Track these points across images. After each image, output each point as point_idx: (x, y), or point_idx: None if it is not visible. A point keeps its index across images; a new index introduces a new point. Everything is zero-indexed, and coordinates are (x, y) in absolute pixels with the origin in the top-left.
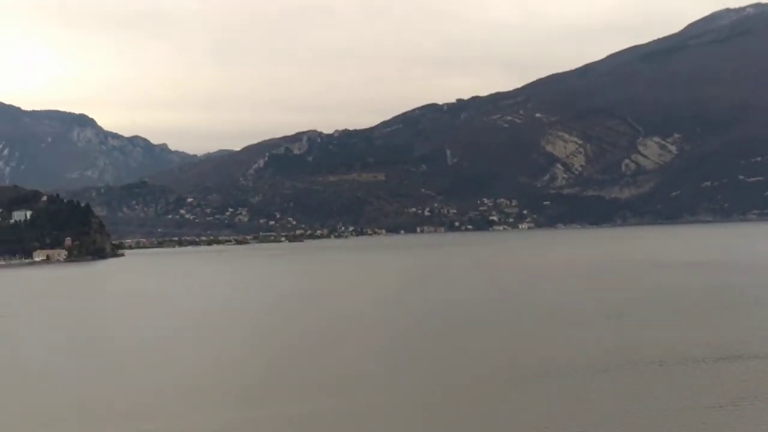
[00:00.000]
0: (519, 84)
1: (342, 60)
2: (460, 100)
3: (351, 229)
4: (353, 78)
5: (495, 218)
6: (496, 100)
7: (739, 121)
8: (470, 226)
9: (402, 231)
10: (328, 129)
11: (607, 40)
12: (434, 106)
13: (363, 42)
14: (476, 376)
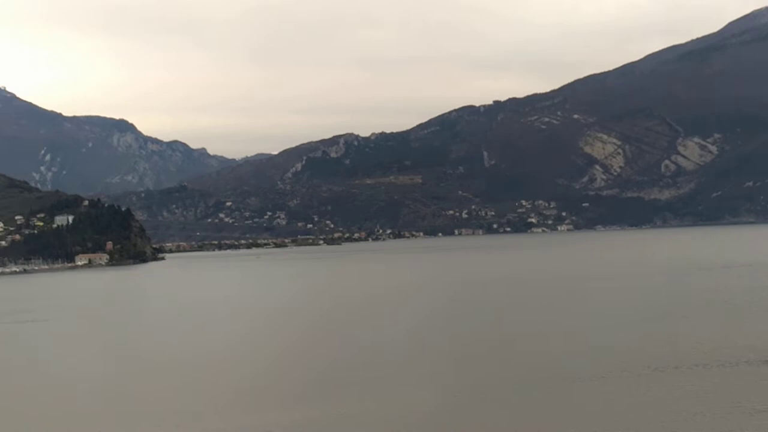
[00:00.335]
0: (556, 85)
1: (379, 63)
2: (497, 102)
3: (388, 231)
4: (390, 81)
5: (533, 220)
6: (534, 101)
7: None
8: (508, 228)
9: (440, 234)
10: (364, 132)
11: (646, 40)
12: (471, 107)
13: (400, 45)
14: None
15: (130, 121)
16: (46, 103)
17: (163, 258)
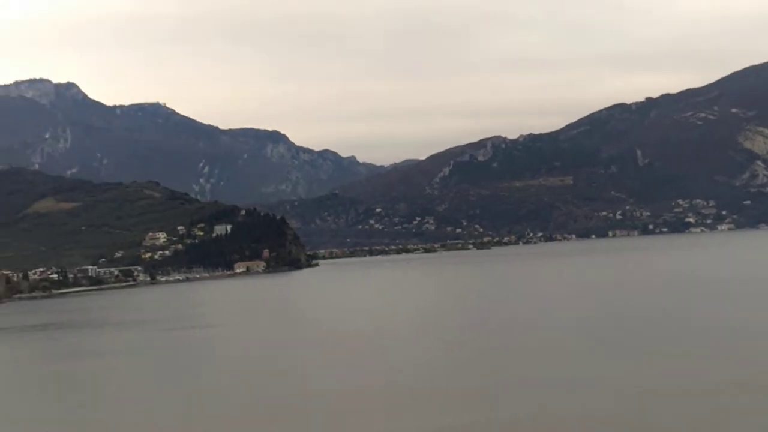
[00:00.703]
0: (711, 79)
1: (526, 64)
2: (649, 99)
3: (539, 234)
4: (537, 81)
5: (691, 220)
6: (688, 96)
7: None
8: (665, 229)
9: (593, 236)
10: (512, 134)
11: None
12: (622, 105)
13: (548, 44)
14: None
15: (283, 131)
16: (204, 118)
17: (317, 264)
